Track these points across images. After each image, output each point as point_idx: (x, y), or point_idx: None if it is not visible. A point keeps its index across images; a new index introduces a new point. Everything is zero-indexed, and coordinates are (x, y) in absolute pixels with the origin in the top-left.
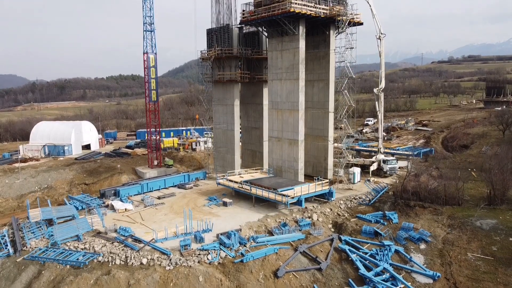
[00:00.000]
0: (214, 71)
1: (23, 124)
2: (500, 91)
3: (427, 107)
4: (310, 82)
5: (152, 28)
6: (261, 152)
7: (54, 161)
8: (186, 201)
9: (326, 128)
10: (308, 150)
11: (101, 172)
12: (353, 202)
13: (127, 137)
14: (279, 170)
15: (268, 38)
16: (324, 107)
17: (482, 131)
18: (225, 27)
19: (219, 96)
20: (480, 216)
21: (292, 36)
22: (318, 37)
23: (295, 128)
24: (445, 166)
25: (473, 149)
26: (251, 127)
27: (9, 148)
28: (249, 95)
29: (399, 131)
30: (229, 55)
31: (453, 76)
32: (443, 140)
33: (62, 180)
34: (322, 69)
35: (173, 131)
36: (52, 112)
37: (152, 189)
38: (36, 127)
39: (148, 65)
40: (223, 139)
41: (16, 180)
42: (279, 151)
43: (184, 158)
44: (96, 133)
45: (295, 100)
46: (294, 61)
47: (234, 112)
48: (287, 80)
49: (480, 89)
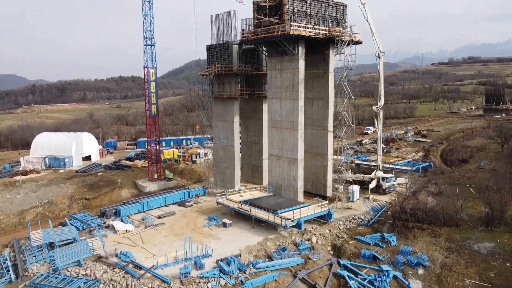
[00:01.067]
0: (214, 87)
1: (23, 132)
2: (500, 98)
3: (426, 114)
4: (309, 100)
5: (152, 43)
6: (260, 166)
7: (54, 174)
8: (186, 221)
9: (326, 146)
10: (308, 167)
11: (102, 187)
12: (352, 222)
13: (127, 146)
14: (279, 188)
15: (268, 57)
16: (324, 125)
17: (481, 144)
18: (225, 44)
19: (219, 112)
20: (478, 238)
21: (291, 56)
22: (318, 56)
23: (294, 147)
24: (444, 181)
25: (472, 163)
26: (251, 142)
27: (10, 158)
28: (249, 110)
29: (398, 142)
30: (229, 72)
31: (452, 79)
32: (442, 153)
33: (63, 195)
34: (322, 87)
35: (173, 140)
36: (52, 115)
37: (153, 207)
38: (37, 139)
39: (149, 79)
40: (223, 155)
41: (17, 195)
42: (279, 169)
43: (184, 170)
44: (97, 144)
45: (295, 120)
46: (293, 81)
47: (234, 128)
48: (286, 100)
49: (480, 94)
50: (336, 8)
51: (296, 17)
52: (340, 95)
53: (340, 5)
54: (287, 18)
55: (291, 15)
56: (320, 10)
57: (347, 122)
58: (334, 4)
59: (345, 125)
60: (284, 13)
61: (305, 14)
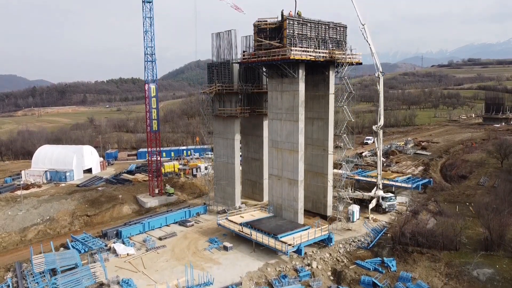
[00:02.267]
0: (214, 105)
1: (24, 141)
2: (499, 107)
3: (426, 121)
4: (309, 120)
5: (153, 59)
6: (261, 183)
7: (56, 188)
8: (187, 243)
9: (326, 166)
10: (308, 186)
11: (103, 203)
12: (352, 245)
13: (128, 157)
14: (279, 208)
15: (268, 78)
16: (324, 145)
17: (481, 158)
18: (226, 63)
19: (220, 130)
20: (477, 263)
21: (292, 79)
22: (318, 77)
23: (295, 169)
24: (443, 199)
25: (471, 179)
26: (251, 158)
27: (11, 169)
28: (249, 127)
29: (398, 155)
30: (230, 91)
31: (452, 83)
32: (442, 168)
33: (64, 211)
34: (322, 108)
35: (173, 151)
36: (52, 119)
37: (154, 227)
38: (39, 151)
39: (149, 95)
40: (224, 172)
41: (19, 211)
42: (279, 189)
43: (184, 185)
44: (97, 156)
45: (295, 141)
46: (294, 103)
47: (234, 146)
48: (287, 121)
49: (480, 99)
50: (336, 30)
51: (297, 41)
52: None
53: (340, 27)
54: (287, 42)
55: (292, 38)
56: (320, 33)
57: (347, 144)
58: (334, 25)
59: (345, 147)
60: (285, 37)
61: (306, 37)
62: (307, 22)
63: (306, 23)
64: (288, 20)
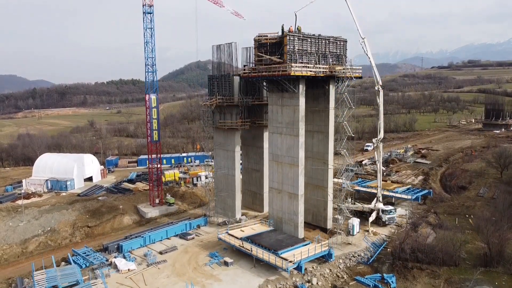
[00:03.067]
0: (215, 117)
1: (25, 147)
2: (499, 114)
3: (426, 127)
4: (310, 133)
5: (154, 70)
6: (261, 194)
7: (56, 198)
8: (188, 257)
9: (326, 179)
10: (308, 198)
11: (104, 213)
12: (352, 260)
13: (128, 164)
14: (279, 222)
15: (269, 92)
16: (324, 158)
17: (480, 168)
18: (226, 76)
19: (220, 141)
20: (477, 281)
21: (292, 94)
22: (318, 90)
23: (295, 183)
24: (443, 211)
25: (471, 190)
26: (251, 169)
27: (12, 176)
28: (249, 138)
29: (398, 163)
30: (230, 104)
31: (452, 86)
32: (442, 177)
33: (65, 222)
34: (322, 121)
35: (174, 158)
36: (53, 121)
37: (155, 240)
38: (39, 160)
39: (150, 105)
40: (224, 183)
41: (20, 222)
42: (280, 202)
43: (185, 194)
44: (98, 165)
45: (295, 156)
46: (294, 118)
47: (235, 157)
48: (287, 135)
49: (480, 103)
50: (336, 44)
51: (297, 56)
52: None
53: (340, 41)
54: (288, 58)
55: (292, 54)
56: (320, 48)
57: (347, 159)
58: (335, 40)
59: (345, 163)
60: (285, 52)
61: (306, 52)
62: (307, 37)
63: (306, 38)
64: (289, 36)
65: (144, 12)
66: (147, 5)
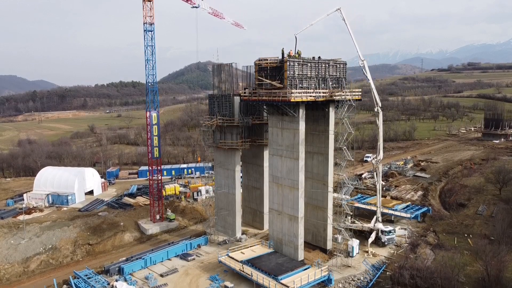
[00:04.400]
0: (215, 135)
1: (25, 157)
2: (498, 123)
3: (426, 135)
4: (310, 154)
5: (154, 87)
6: (261, 211)
7: (58, 213)
8: (189, 280)
9: (326, 200)
10: (308, 218)
11: (105, 230)
12: (351, 284)
13: (129, 175)
14: (280, 243)
15: (269, 114)
16: (324, 179)
17: (479, 183)
18: (227, 96)
19: (221, 160)
20: None
21: (292, 117)
22: (318, 112)
23: (295, 205)
24: (442, 229)
25: (470, 208)
26: (251, 186)
27: (13, 188)
28: (250, 155)
29: (397, 177)
30: (230, 124)
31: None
32: (441, 193)
33: (66, 239)
34: (322, 143)
35: (174, 169)
36: (53, 125)
37: (155, 261)
38: (40, 174)
39: (151, 122)
40: (225, 202)
41: (22, 240)
42: (280, 224)
43: (185, 209)
44: (99, 178)
45: (295, 179)
46: (294, 141)
47: (235, 176)
48: (287, 158)
49: (480, 109)
50: (336, 67)
51: (297, 81)
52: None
53: (340, 64)
54: (288, 83)
55: (292, 80)
56: (320, 71)
57: (347, 183)
58: (334, 63)
59: (345, 186)
60: (285, 78)
61: (306, 77)
62: (307, 62)
63: (306, 63)
64: (289, 62)
65: (145, 30)
66: (148, 23)
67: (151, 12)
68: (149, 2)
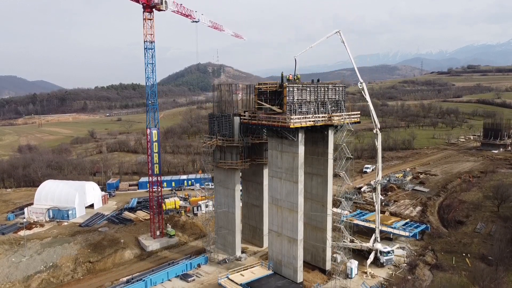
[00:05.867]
0: (215, 154)
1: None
2: (497, 133)
3: (425, 144)
4: (309, 175)
5: (155, 104)
6: (261, 229)
7: (58, 228)
8: None
9: (325, 221)
10: (307, 238)
11: (105, 247)
12: None
13: (129, 187)
14: (279, 264)
15: (268, 136)
16: (323, 200)
17: (478, 199)
18: (227, 116)
19: (221, 178)
20: None
21: (291, 141)
22: (317, 134)
23: (294, 227)
24: (440, 248)
25: (468, 225)
26: (251, 204)
27: (14, 200)
28: (250, 173)
29: (396, 191)
30: (230, 144)
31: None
32: (439, 209)
33: (67, 257)
34: (321, 165)
35: (174, 180)
36: (53, 129)
37: (156, 283)
38: (41, 188)
39: (151, 139)
40: (224, 220)
41: (23, 257)
42: (279, 245)
43: (185, 224)
44: (99, 191)
45: (295, 202)
46: (293, 165)
47: (235, 196)
48: (286, 181)
49: (479, 115)
50: (335, 90)
51: (296, 106)
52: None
53: (338, 87)
54: (287, 109)
55: (291, 105)
56: (319, 95)
57: (346, 208)
58: (333, 87)
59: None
60: (285, 104)
61: (305, 101)
62: (306, 87)
63: (305, 88)
64: (288, 88)
65: (146, 48)
66: (148, 41)
67: (151, 30)
68: (150, 20)
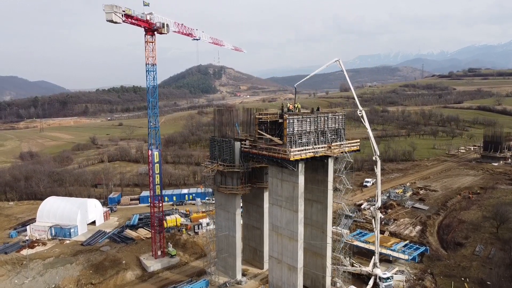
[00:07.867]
0: (216, 178)
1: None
2: (497, 146)
3: (425, 155)
4: (309, 202)
5: (156, 125)
6: (261, 251)
7: (60, 247)
8: None
9: (325, 248)
10: (307, 263)
11: (107, 268)
12: None
13: (130, 202)
14: None
15: (269, 165)
16: (322, 227)
17: (477, 219)
18: (228, 141)
19: (221, 202)
20: None
21: (291, 171)
22: (317, 162)
23: (294, 256)
24: (439, 271)
25: (467, 247)
26: (252, 226)
27: (16, 214)
28: (250, 196)
29: (396, 208)
30: (231, 170)
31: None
32: (439, 228)
33: (69, 278)
34: (321, 192)
35: (175, 195)
36: (54, 134)
37: None
38: (44, 205)
39: (153, 160)
40: (225, 243)
41: (25, 279)
42: (279, 272)
43: (186, 243)
44: (101, 208)
45: (295, 230)
46: (293, 194)
47: (235, 219)
48: (286, 209)
49: (479, 124)
50: (335, 119)
51: (296, 138)
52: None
53: (338, 115)
54: (287, 140)
55: (291, 136)
56: (319, 125)
57: (345, 236)
58: (333, 115)
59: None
60: (285, 135)
61: (305, 132)
62: (306, 117)
63: (305, 118)
64: (288, 120)
65: (147, 70)
66: (150, 64)
67: (153, 53)
68: (151, 43)
